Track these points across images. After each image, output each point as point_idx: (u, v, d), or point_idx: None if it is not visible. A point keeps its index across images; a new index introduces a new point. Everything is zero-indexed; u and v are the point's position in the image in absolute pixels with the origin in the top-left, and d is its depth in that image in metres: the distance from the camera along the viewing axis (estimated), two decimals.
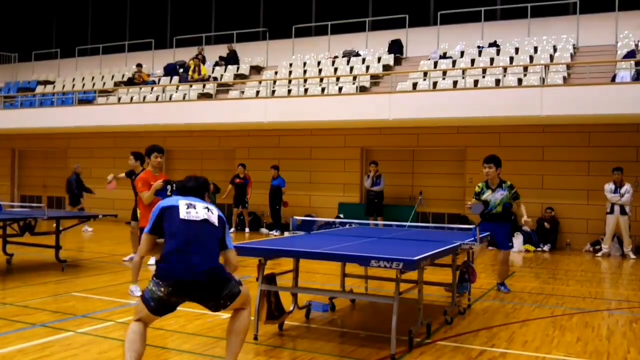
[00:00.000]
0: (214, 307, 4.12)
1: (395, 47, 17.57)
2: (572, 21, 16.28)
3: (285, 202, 15.58)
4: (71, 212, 14.18)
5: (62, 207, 20.56)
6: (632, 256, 12.31)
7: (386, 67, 16.92)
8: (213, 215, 4.22)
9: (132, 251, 9.81)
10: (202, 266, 3.95)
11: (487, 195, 7.57)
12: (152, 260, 8.99)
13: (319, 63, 17.98)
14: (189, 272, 3.91)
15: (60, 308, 6.49)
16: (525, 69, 14.47)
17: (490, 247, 8.08)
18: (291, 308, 5.94)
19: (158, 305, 3.97)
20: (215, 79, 18.85)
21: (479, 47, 16.43)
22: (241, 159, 16.66)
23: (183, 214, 4.10)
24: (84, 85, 21.41)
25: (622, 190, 12.27)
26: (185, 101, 17.40)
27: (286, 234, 12.60)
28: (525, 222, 7.70)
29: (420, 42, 17.50)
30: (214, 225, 4.17)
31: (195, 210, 4.15)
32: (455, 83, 14.72)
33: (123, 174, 10.11)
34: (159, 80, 19.83)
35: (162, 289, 3.91)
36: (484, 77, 14.45)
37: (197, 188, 4.40)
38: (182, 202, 4.19)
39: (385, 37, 17.98)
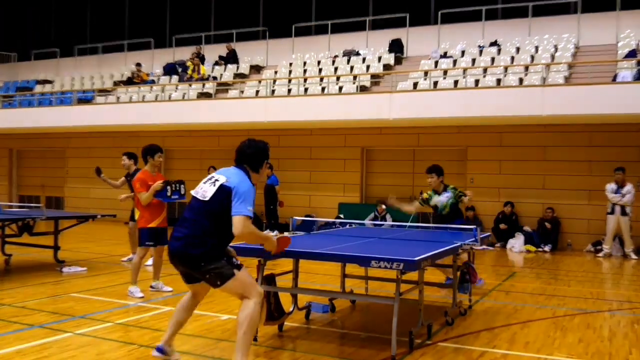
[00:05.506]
0: (205, 281, 4.22)
1: (396, 47, 17.52)
2: (573, 20, 16.24)
3: (281, 202, 15.52)
4: (69, 212, 14.09)
5: (61, 207, 20.54)
6: (634, 257, 12.26)
7: (386, 67, 16.87)
8: (211, 188, 4.17)
9: (130, 252, 9.76)
10: (179, 234, 4.17)
11: (435, 199, 8.05)
12: (150, 261, 8.93)
13: (319, 62, 17.93)
14: (172, 242, 4.20)
15: (59, 309, 6.45)
16: (526, 68, 14.42)
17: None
18: (291, 309, 5.90)
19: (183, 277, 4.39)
20: (214, 78, 18.80)
21: (479, 46, 16.39)
22: None
23: (195, 190, 4.29)
24: (83, 84, 21.37)
25: (624, 190, 12.22)
26: (184, 101, 17.36)
27: (286, 234, 12.57)
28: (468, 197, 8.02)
29: (421, 41, 17.46)
30: (203, 200, 4.17)
31: (201, 186, 4.26)
32: (456, 82, 14.67)
33: (123, 179, 9.96)
34: (158, 79, 19.79)
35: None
36: (484, 76, 14.41)
37: (238, 157, 4.40)
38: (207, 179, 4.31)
39: (386, 36, 17.94)
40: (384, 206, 14.47)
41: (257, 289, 4.17)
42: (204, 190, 4.18)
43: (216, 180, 4.18)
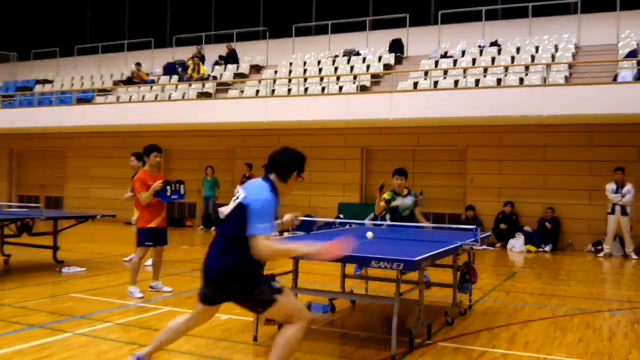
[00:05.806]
0: (245, 308, 3.91)
1: (396, 47, 17.51)
2: (573, 20, 16.24)
3: None
4: (69, 212, 14.06)
5: (60, 207, 20.54)
6: (634, 256, 12.27)
7: (387, 67, 16.87)
8: (231, 205, 3.85)
9: (132, 251, 9.74)
10: (211, 261, 3.82)
11: (397, 201, 8.15)
12: (149, 262, 8.92)
13: (319, 62, 17.93)
14: (205, 269, 3.85)
15: (58, 309, 6.44)
16: (527, 68, 14.42)
17: None
18: None
19: (202, 294, 3.97)
20: (214, 78, 18.80)
21: (480, 46, 16.38)
22: (241, 158, 16.60)
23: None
24: (82, 84, 21.36)
25: (624, 190, 12.22)
26: (184, 100, 17.35)
27: (285, 234, 12.56)
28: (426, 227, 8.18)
29: (421, 41, 17.45)
30: (224, 219, 3.85)
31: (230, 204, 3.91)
32: (456, 82, 14.67)
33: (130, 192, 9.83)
34: (158, 79, 19.78)
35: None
36: (485, 76, 14.40)
37: (268, 162, 4.04)
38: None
39: (386, 36, 17.94)
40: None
41: (304, 314, 3.81)
42: (227, 207, 3.85)
43: (238, 196, 3.87)
